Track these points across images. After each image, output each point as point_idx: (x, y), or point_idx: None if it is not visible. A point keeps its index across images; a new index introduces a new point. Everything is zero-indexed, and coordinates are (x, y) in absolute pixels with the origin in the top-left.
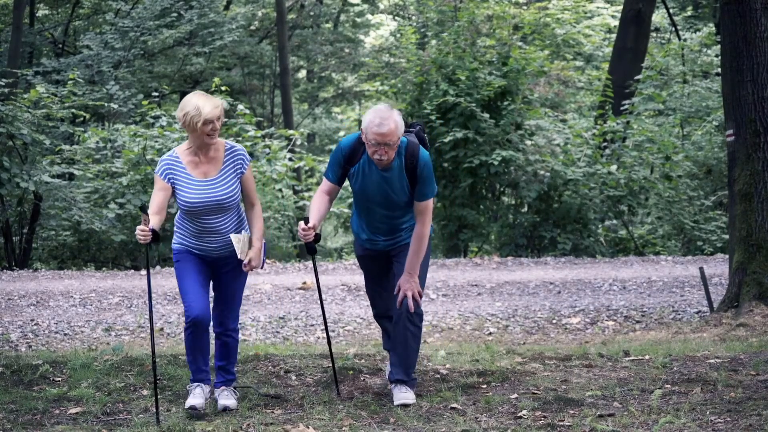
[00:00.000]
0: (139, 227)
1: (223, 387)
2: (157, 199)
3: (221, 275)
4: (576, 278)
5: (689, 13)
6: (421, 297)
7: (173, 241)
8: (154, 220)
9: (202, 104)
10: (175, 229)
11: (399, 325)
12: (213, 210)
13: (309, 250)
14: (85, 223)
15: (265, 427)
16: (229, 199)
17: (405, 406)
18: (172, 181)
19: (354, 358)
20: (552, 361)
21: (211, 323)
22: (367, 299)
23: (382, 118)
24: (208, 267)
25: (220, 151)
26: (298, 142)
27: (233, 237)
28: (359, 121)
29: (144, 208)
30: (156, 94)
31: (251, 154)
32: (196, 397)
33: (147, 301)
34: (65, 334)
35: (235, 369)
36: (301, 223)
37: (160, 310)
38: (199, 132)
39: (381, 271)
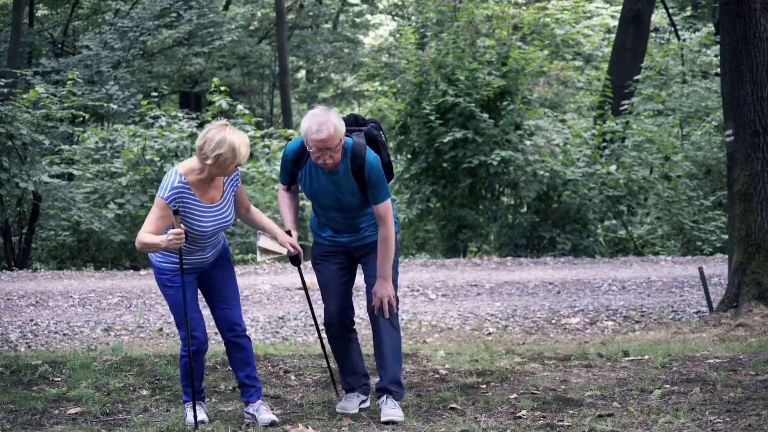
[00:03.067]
0: (175, 231)
1: (260, 402)
2: (160, 225)
3: (213, 276)
4: (575, 278)
5: (688, 13)
6: (397, 302)
7: (158, 258)
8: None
9: (237, 146)
10: (172, 257)
11: (379, 330)
12: (218, 232)
13: (294, 262)
14: (85, 223)
15: (265, 428)
16: (231, 221)
17: (393, 423)
18: (180, 209)
19: None
20: (551, 361)
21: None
22: (337, 303)
23: (319, 124)
24: (198, 281)
25: None
26: None
27: (262, 245)
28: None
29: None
30: (155, 94)
31: (250, 155)
32: (201, 413)
33: (147, 302)
34: (64, 335)
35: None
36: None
37: (159, 310)
38: (227, 171)
39: (339, 271)
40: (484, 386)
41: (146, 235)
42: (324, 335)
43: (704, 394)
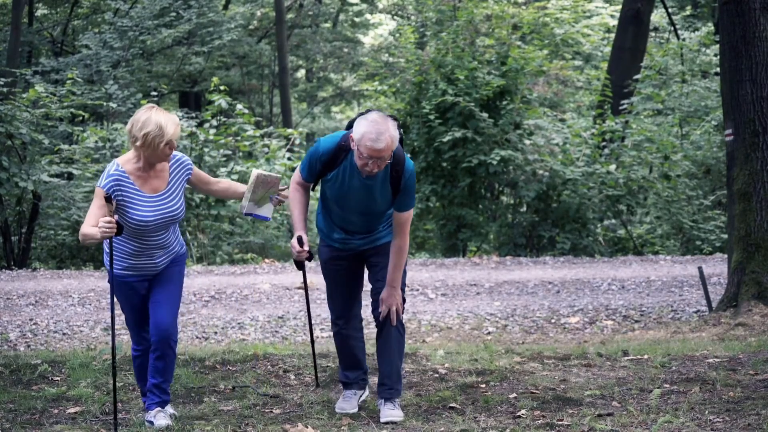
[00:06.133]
0: (104, 219)
1: (158, 408)
2: (99, 213)
3: (158, 277)
4: (575, 278)
5: (688, 13)
6: (403, 307)
7: (106, 261)
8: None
9: (164, 123)
10: (107, 249)
11: (384, 336)
12: (163, 226)
13: (299, 266)
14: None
15: (264, 427)
16: (180, 213)
17: (393, 423)
18: (118, 198)
19: None
20: (551, 361)
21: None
22: (341, 304)
23: (378, 132)
24: (148, 285)
25: (166, 162)
26: (297, 142)
27: (255, 175)
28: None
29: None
30: (155, 93)
31: (250, 154)
32: (162, 418)
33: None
34: (64, 334)
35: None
36: (296, 244)
37: None
38: (159, 152)
39: (349, 274)
40: (484, 386)
41: (86, 226)
42: (315, 334)
43: (704, 393)
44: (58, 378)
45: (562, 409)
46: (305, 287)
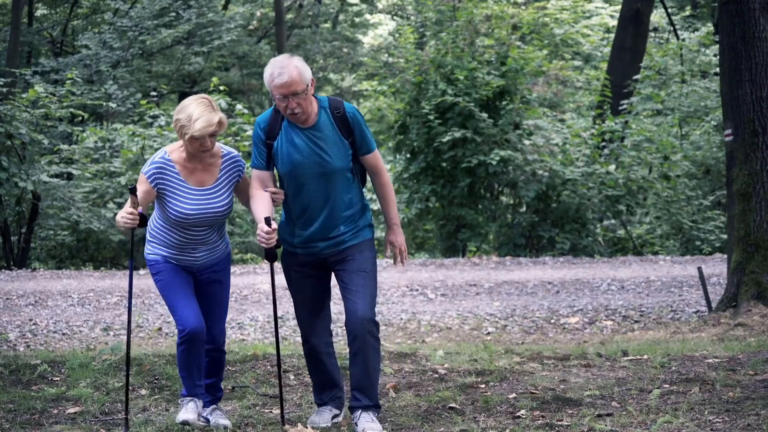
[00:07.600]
0: (125, 209)
1: (214, 406)
2: (138, 198)
3: (204, 285)
4: (574, 278)
5: (688, 13)
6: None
7: (147, 251)
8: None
9: (195, 117)
10: (149, 238)
11: (358, 340)
12: (206, 222)
13: (270, 256)
14: (84, 222)
15: (264, 427)
16: (226, 211)
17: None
18: (160, 187)
19: None
20: (550, 361)
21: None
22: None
23: (281, 68)
24: (191, 277)
25: (217, 156)
26: None
27: None
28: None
29: (133, 190)
30: (154, 93)
31: (249, 154)
32: (189, 411)
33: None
34: (63, 334)
35: (224, 380)
36: (263, 226)
37: (158, 309)
38: (187, 143)
39: (314, 283)
40: (483, 386)
41: (122, 211)
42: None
43: (703, 393)
44: (58, 378)
45: (562, 409)
46: (272, 286)
